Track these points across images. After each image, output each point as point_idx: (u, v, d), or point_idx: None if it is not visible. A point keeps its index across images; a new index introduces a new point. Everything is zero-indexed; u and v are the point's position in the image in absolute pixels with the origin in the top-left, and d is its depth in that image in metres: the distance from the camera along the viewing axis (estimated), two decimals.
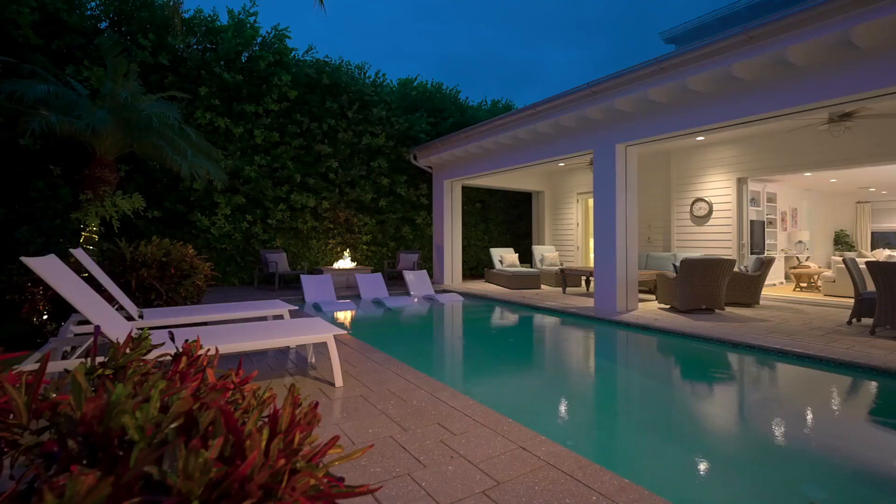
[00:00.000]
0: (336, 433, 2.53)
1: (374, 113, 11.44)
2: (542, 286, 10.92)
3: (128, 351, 1.78)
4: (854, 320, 6.21)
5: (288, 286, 10.17)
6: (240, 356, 3.67)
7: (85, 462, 0.96)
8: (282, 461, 0.93)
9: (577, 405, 3.67)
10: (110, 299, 4.07)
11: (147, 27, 8.99)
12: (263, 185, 10.18)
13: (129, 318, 3.95)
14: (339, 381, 3.43)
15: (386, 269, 11.50)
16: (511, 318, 7.82)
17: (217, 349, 2.06)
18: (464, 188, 13.06)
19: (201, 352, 2.10)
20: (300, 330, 3.62)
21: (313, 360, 4.07)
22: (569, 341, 6.42)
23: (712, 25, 11.18)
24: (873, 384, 4.03)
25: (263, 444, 0.94)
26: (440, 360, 4.99)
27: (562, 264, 11.99)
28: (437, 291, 9.83)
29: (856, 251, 13.12)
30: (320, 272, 10.36)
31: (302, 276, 8.56)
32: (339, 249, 11.40)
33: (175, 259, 5.36)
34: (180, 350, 1.99)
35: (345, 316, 7.38)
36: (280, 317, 4.81)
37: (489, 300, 9.10)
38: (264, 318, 5.17)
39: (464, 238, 13.39)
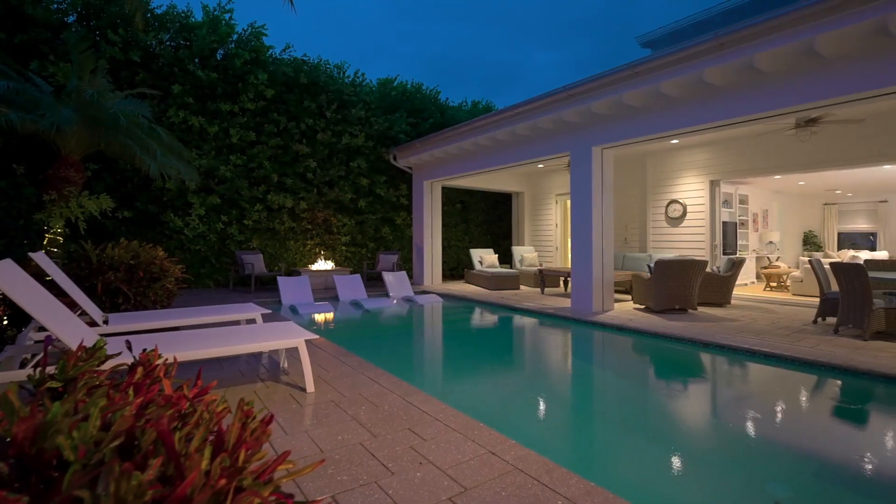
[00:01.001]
0: (301, 442, 2.50)
1: (353, 113, 11.35)
2: (522, 287, 10.99)
3: (80, 362, 1.73)
4: (819, 319, 6.42)
5: (265, 288, 10.01)
6: (205, 363, 3.59)
7: (17, 486, 0.92)
8: (223, 481, 0.91)
9: (550, 407, 3.69)
10: (73, 305, 3.94)
11: (117, 22, 8.74)
12: (239, 185, 10.00)
13: (93, 324, 3.83)
14: (310, 387, 3.38)
15: (365, 270, 11.42)
16: (488, 319, 7.85)
17: (175, 358, 2.00)
18: (444, 189, 13.05)
19: (160, 361, 2.04)
20: (271, 335, 3.55)
21: (286, 365, 4.01)
22: (544, 342, 6.47)
23: (687, 31, 11.42)
24: (836, 382, 4.16)
25: (205, 463, 0.92)
26: (415, 364, 4.97)
27: (541, 265, 12.09)
28: (416, 292, 9.81)
29: (822, 252, 13.55)
30: (298, 273, 10.23)
31: (279, 277, 8.44)
32: (317, 250, 11.27)
33: (144, 262, 5.22)
34: (137, 359, 1.93)
35: (321, 318, 7.30)
36: (252, 321, 4.72)
37: (468, 301, 9.12)
38: (237, 322, 5.08)
39: (444, 239, 13.38)
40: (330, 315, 7.53)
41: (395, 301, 8.88)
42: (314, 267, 10.77)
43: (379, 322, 7.29)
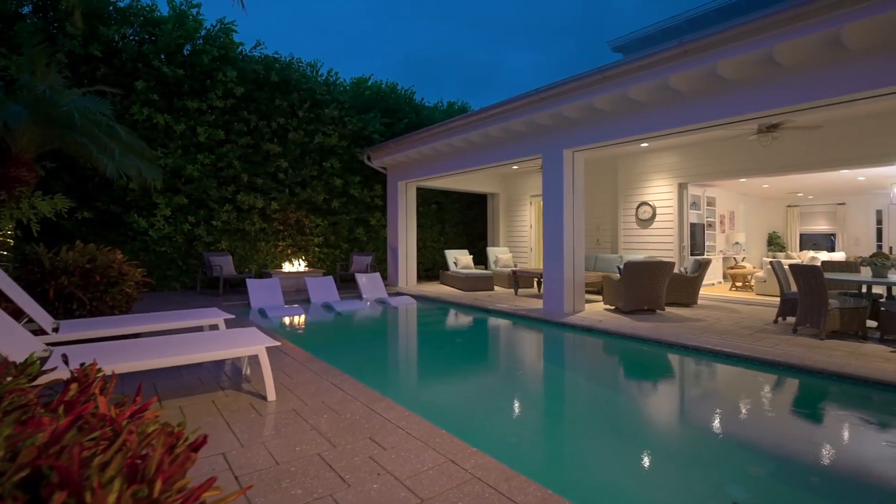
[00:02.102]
0: (257, 454, 2.43)
1: (326, 112, 11.19)
2: (496, 287, 11.04)
3: (9, 378, 1.63)
4: (780, 319, 6.63)
5: (234, 290, 9.78)
6: (163, 372, 3.47)
7: None
8: None
9: (515, 412, 3.70)
10: (20, 312, 3.75)
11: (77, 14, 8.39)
12: (207, 184, 9.74)
13: (41, 332, 3.65)
14: (271, 395, 3.30)
15: (339, 271, 11.27)
16: (460, 321, 7.85)
17: (114, 373, 1.91)
18: (419, 189, 13.00)
19: (99, 375, 1.95)
20: (231, 342, 3.46)
21: (248, 373, 3.91)
22: (514, 345, 6.51)
23: (656, 36, 11.66)
24: (793, 381, 4.30)
25: (112, 497, 0.86)
26: (383, 368, 4.91)
27: (516, 265, 12.16)
28: (390, 294, 9.73)
29: (784, 252, 14.03)
30: (269, 275, 10.02)
31: (248, 280, 8.25)
32: (289, 252, 11.08)
33: (101, 265, 5.01)
34: (73, 374, 1.84)
35: (291, 322, 7.16)
36: (215, 326, 4.59)
37: (441, 303, 9.09)
38: (200, 328, 4.93)
39: (419, 239, 13.33)
40: (300, 318, 7.40)
41: (367, 303, 8.79)
42: (286, 269, 10.57)
43: (350, 325, 7.20)
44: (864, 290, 6.15)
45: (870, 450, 3.02)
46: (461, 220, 14.66)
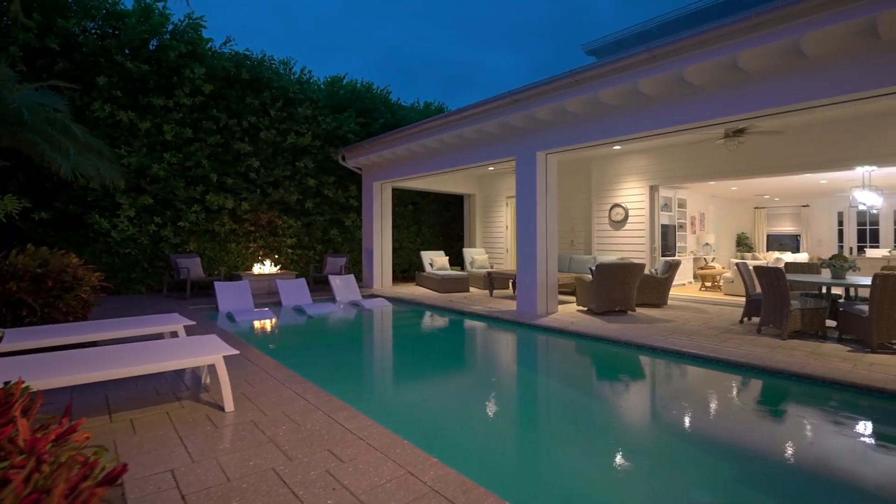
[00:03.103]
0: (208, 470, 2.33)
1: (299, 111, 10.97)
2: (472, 289, 11.02)
3: None
4: (745, 319, 6.79)
5: (203, 293, 9.51)
6: (116, 382, 3.32)
7: None
8: None
9: (481, 418, 3.67)
10: None
11: (33, 5, 8.03)
12: (175, 184, 9.44)
13: None
14: (229, 406, 3.19)
15: (312, 273, 11.08)
16: (433, 323, 7.80)
17: (40, 393, 1.80)
18: (396, 190, 12.89)
19: (50, 385, 1.84)
20: (187, 351, 3.33)
21: (208, 381, 3.77)
22: (484, 348, 6.50)
23: (629, 41, 11.83)
24: (756, 382, 4.39)
25: None
26: (350, 375, 4.78)
27: (492, 266, 12.18)
28: (365, 296, 9.62)
29: (751, 253, 14.43)
30: (239, 278, 9.78)
31: (216, 283, 8.03)
32: (260, 253, 10.83)
33: (54, 269, 4.78)
34: None
35: (259, 326, 6.99)
36: (175, 333, 4.43)
37: (415, 305, 9.02)
38: (160, 335, 4.76)
39: (396, 240, 13.23)
40: (269, 322, 7.22)
41: (340, 306, 8.66)
42: (258, 271, 10.34)
43: (321, 329, 7.07)
44: (824, 290, 6.33)
45: (825, 448, 3.09)
46: (438, 221, 14.61)
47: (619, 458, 2.94)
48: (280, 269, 10.94)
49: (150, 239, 9.36)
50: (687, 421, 3.66)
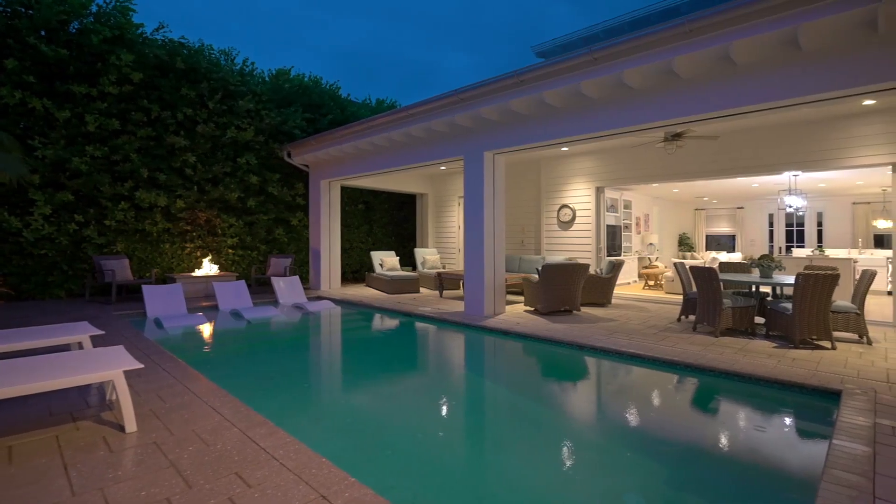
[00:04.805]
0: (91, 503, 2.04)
1: (240, 104, 10.42)
2: (422, 289, 10.87)
3: None
4: (683, 317, 7.01)
5: (132, 297, 8.84)
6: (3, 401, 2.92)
7: None
8: None
9: (413, 429, 3.51)
10: None
11: None
12: (99, 180, 8.70)
13: None
14: (130, 426, 2.87)
15: (254, 275, 10.57)
16: (378, 326, 7.59)
17: None
18: (346, 188, 12.55)
19: None
20: (85, 366, 2.98)
21: (113, 398, 3.41)
22: (428, 352, 6.37)
23: (576, 43, 12.06)
24: (691, 380, 4.48)
25: None
26: (280, 385, 4.40)
27: (444, 267, 12.08)
28: (311, 298, 9.26)
29: (691, 252, 15.11)
30: (173, 281, 9.17)
31: (143, 286, 7.45)
32: (198, 254, 10.21)
33: None
34: None
35: (188, 333, 6.52)
36: (80, 344, 4.01)
37: (363, 307, 8.77)
38: (67, 346, 4.31)
39: (347, 240, 12.88)
40: (201, 329, 6.76)
41: (282, 309, 8.27)
42: (195, 273, 9.74)
43: (257, 335, 6.69)
44: (753, 289, 6.63)
45: (749, 446, 3.15)
46: (391, 221, 14.36)
47: (555, 465, 2.87)
48: (219, 270, 10.35)
49: (71, 239, 8.60)
50: (622, 422, 3.66)
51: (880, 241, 13.99)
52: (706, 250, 16.92)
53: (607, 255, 10.52)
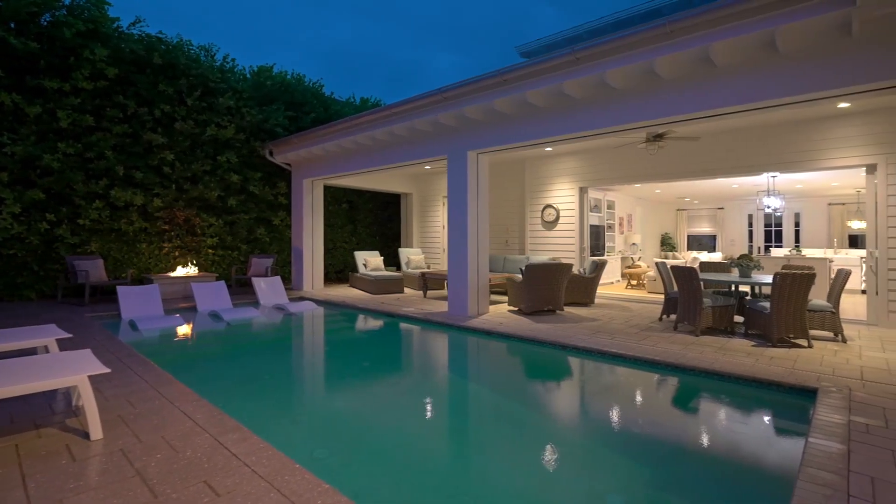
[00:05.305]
0: None
1: (220, 101, 10.21)
2: (406, 290, 10.80)
3: None
4: (664, 317, 7.07)
5: (106, 298, 8.60)
6: None
7: None
8: None
9: (392, 432, 3.45)
10: None
11: None
12: (72, 177, 8.44)
13: None
14: (96, 434, 2.76)
15: (234, 275, 10.37)
16: (360, 327, 7.50)
17: None
18: (329, 188, 12.41)
19: None
20: (49, 370, 2.85)
21: (80, 404, 3.28)
22: (411, 352, 6.31)
23: (560, 44, 12.11)
24: (672, 380, 4.50)
25: None
26: (253, 389, 4.23)
27: (428, 267, 12.03)
28: (292, 299, 9.12)
29: (673, 252, 15.31)
30: (150, 281, 8.95)
31: (118, 287, 7.24)
32: (176, 254, 9.99)
33: None
34: None
35: (164, 335, 6.35)
36: (46, 349, 3.86)
37: (345, 307, 8.66)
38: (33, 350, 4.15)
39: (330, 240, 12.74)
40: (177, 331, 6.59)
41: (263, 311, 8.12)
42: (173, 273, 9.51)
43: (236, 337, 6.55)
44: (733, 288, 6.72)
45: (727, 442, 3.17)
46: (375, 221, 14.25)
47: (537, 466, 2.84)
48: (199, 271, 10.14)
49: (42, 238, 8.33)
50: (603, 422, 3.65)
51: (854, 241, 14.35)
52: (688, 250, 17.15)
53: (591, 255, 10.58)
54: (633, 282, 11.42)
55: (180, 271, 9.64)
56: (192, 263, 10.06)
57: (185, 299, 8.92)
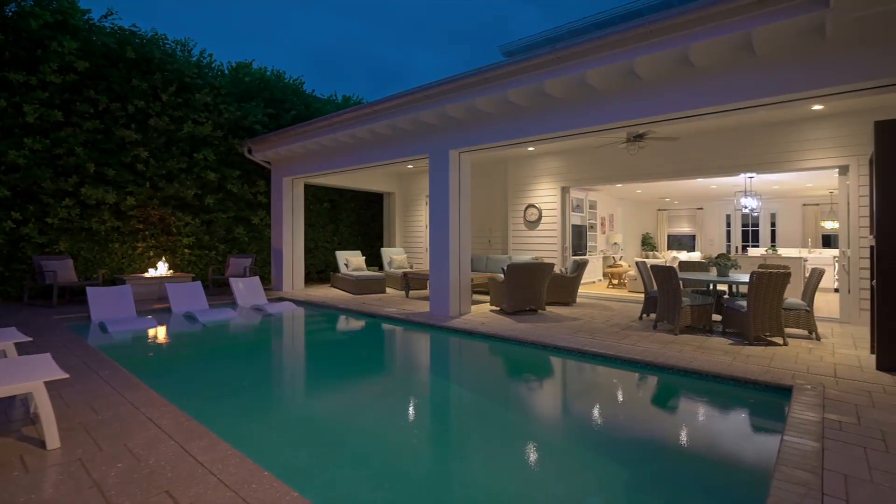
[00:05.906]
0: None
1: (197, 97, 9.97)
2: (389, 290, 10.70)
3: None
4: (644, 316, 7.12)
5: (76, 300, 8.31)
6: None
7: None
8: None
9: (366, 437, 3.37)
10: None
11: None
12: (39, 174, 8.13)
13: None
14: (53, 442, 2.62)
15: (211, 276, 10.13)
16: (340, 328, 7.39)
17: None
18: (311, 186, 12.23)
19: None
20: (1, 377, 2.70)
21: (37, 412, 3.12)
22: (391, 353, 6.23)
23: (542, 44, 12.13)
24: (652, 378, 4.51)
25: None
26: (225, 393, 4.08)
27: (411, 266, 11.94)
28: (271, 300, 8.94)
29: (653, 252, 15.50)
30: (123, 282, 8.68)
31: (88, 288, 6.99)
32: (151, 254, 9.71)
33: None
34: None
35: (135, 338, 6.14)
36: (4, 353, 3.68)
37: (326, 308, 8.53)
38: None
39: (312, 240, 12.56)
40: (149, 333, 6.37)
41: (240, 312, 7.94)
42: (147, 274, 9.24)
43: (211, 339, 6.37)
44: (711, 287, 6.79)
45: (705, 441, 3.17)
46: (357, 220, 14.09)
47: (517, 466, 2.79)
48: (174, 271, 9.88)
49: (7, 238, 8.01)
50: (583, 421, 3.63)
51: (828, 240, 14.72)
52: (668, 250, 17.39)
53: (573, 255, 10.63)
54: (615, 281, 11.51)
55: (154, 272, 9.37)
56: (164, 261, 9.77)
57: (160, 300, 8.68)
